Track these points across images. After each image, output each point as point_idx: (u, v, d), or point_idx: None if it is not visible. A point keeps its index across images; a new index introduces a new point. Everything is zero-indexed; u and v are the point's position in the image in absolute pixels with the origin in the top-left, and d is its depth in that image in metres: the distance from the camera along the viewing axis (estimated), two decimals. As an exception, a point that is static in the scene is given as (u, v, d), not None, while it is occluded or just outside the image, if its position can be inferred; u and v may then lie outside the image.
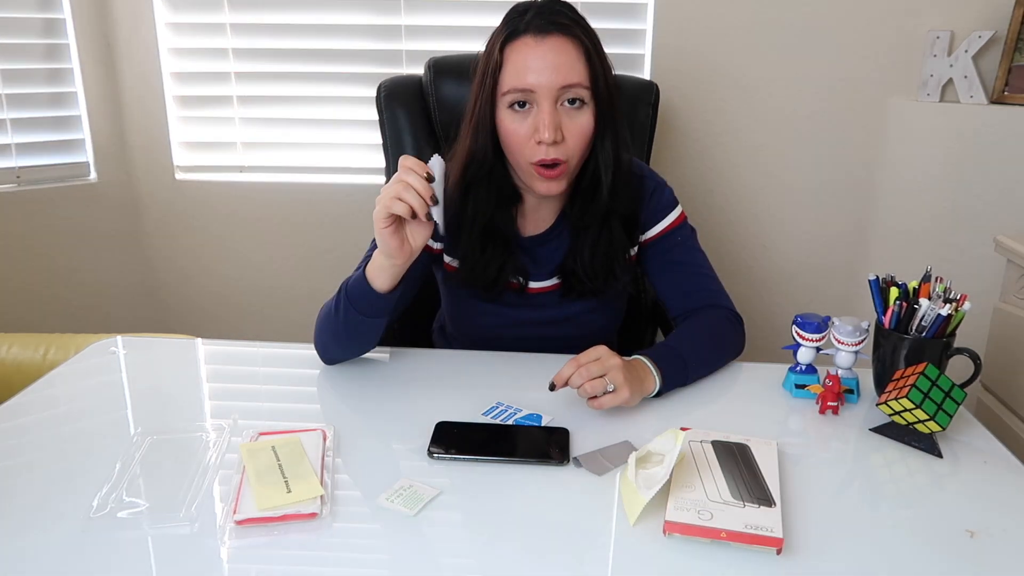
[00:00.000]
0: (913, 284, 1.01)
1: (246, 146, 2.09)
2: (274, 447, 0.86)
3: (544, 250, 1.19)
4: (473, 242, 1.14)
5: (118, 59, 2.00)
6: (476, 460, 0.87)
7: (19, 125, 1.95)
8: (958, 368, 0.98)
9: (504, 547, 0.74)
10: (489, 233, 1.14)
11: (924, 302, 0.97)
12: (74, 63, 1.97)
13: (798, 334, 1.05)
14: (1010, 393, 1.40)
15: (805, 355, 1.06)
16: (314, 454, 0.86)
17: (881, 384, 1.02)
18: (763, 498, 0.78)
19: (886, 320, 1.00)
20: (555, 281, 1.20)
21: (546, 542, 0.74)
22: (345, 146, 2.08)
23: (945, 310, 0.95)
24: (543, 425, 0.96)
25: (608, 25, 1.92)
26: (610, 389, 0.95)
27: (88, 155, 2.04)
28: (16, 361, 1.41)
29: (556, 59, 1.02)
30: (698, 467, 0.83)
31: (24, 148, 1.97)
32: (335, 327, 1.06)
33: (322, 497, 0.78)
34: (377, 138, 1.57)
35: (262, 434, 0.90)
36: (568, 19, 1.04)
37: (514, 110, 1.05)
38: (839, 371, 1.03)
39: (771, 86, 1.95)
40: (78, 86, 1.99)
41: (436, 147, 1.53)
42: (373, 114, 1.56)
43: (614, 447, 0.91)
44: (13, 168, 1.96)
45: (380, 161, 1.60)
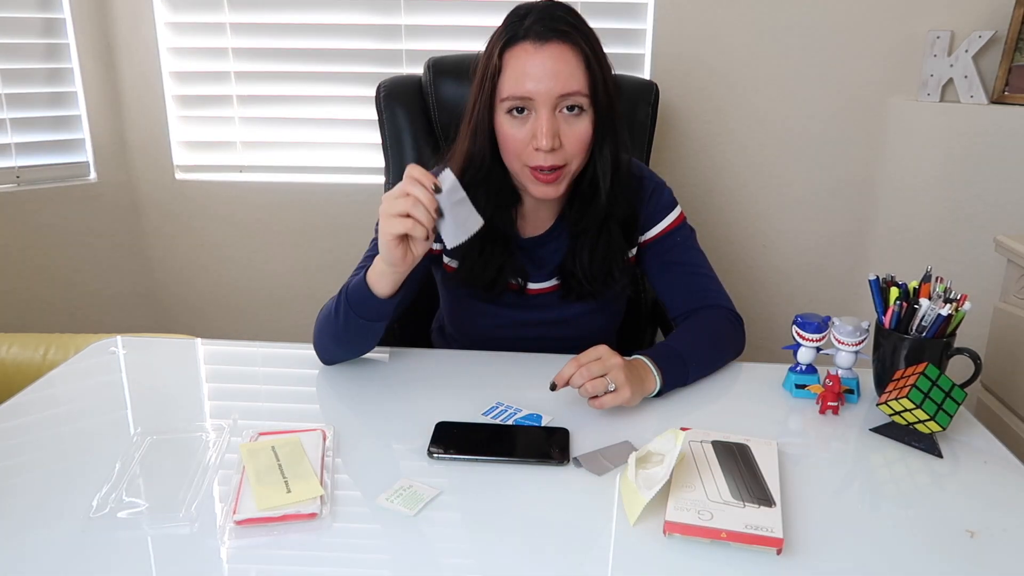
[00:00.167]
0: (913, 284, 1.01)
1: (246, 146, 2.09)
2: (274, 447, 0.86)
3: (543, 251, 1.19)
4: (472, 243, 1.13)
5: (118, 59, 2.01)
6: (476, 460, 0.87)
7: (19, 125, 1.95)
8: (958, 368, 0.98)
9: (504, 547, 0.74)
10: (488, 234, 1.14)
11: (924, 302, 0.97)
12: (74, 63, 1.97)
13: (798, 334, 1.05)
14: (1010, 393, 1.40)
15: (805, 355, 1.06)
16: (314, 454, 0.86)
17: (881, 384, 1.02)
18: (763, 498, 0.78)
19: (886, 320, 1.00)
20: (554, 282, 1.20)
21: (546, 542, 0.74)
22: (345, 146, 2.08)
23: (945, 310, 0.95)
24: (543, 425, 0.96)
25: (608, 25, 1.93)
26: (611, 389, 0.95)
27: (88, 155, 2.04)
28: (16, 361, 1.41)
29: (555, 67, 1.01)
30: (698, 467, 0.83)
31: (24, 148, 1.97)
32: (335, 330, 1.06)
33: (322, 497, 0.78)
34: (377, 138, 1.57)
35: (262, 434, 0.90)
36: (568, 25, 1.03)
37: (512, 115, 1.05)
38: (839, 371, 1.03)
39: (771, 86, 1.95)
40: (78, 86, 1.99)
41: (435, 147, 1.53)
42: (373, 114, 1.56)
43: (614, 447, 0.91)
44: (13, 168, 1.96)
45: (380, 161, 1.60)
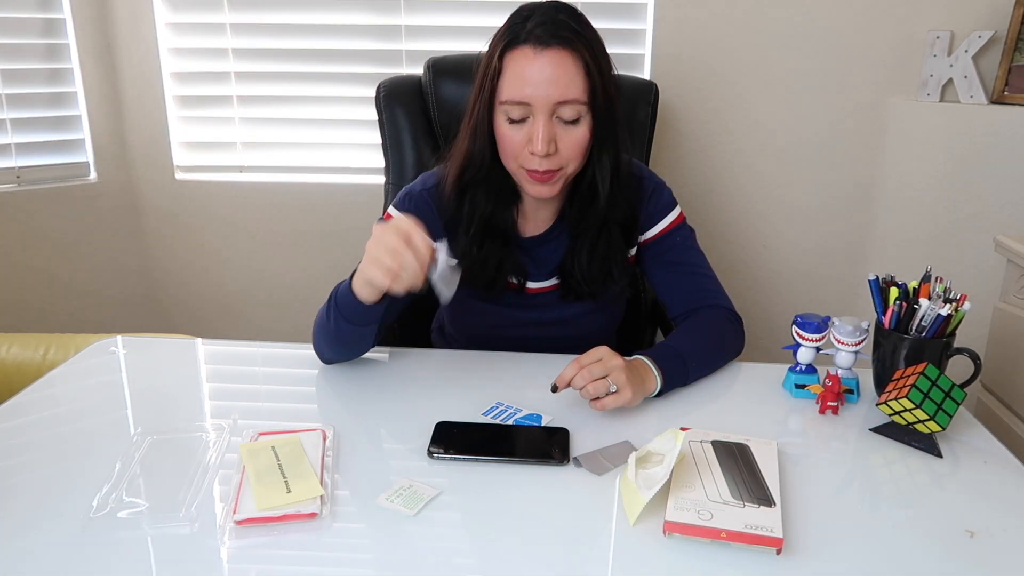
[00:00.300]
0: (913, 284, 1.01)
1: (246, 146, 2.09)
2: (274, 447, 0.86)
3: (543, 250, 1.19)
4: (470, 240, 1.14)
5: (118, 59, 2.00)
6: (476, 460, 0.87)
7: (19, 125, 1.95)
8: (958, 368, 0.98)
9: (504, 547, 0.74)
10: (487, 231, 1.14)
11: (924, 302, 0.97)
12: (74, 63, 1.97)
13: (798, 334, 1.05)
14: (1010, 393, 1.40)
15: (805, 355, 1.06)
16: (314, 454, 0.86)
17: (881, 384, 1.02)
18: (763, 498, 0.78)
19: (886, 320, 1.00)
20: (554, 282, 1.20)
21: (546, 542, 0.74)
22: (345, 146, 2.08)
23: (945, 310, 0.95)
24: (543, 425, 0.96)
25: (608, 25, 1.92)
26: (613, 390, 0.95)
27: (88, 155, 2.04)
28: (16, 361, 1.40)
29: (554, 73, 1.01)
30: (698, 467, 0.83)
31: (24, 148, 1.97)
32: (327, 333, 1.06)
33: (322, 497, 0.78)
34: (377, 138, 1.57)
35: (262, 434, 0.90)
36: (570, 31, 1.02)
37: (510, 118, 1.05)
38: (839, 371, 1.03)
39: (771, 86, 1.95)
40: (78, 86, 1.99)
41: (435, 147, 1.53)
42: (373, 114, 1.56)
43: (614, 447, 0.91)
44: (13, 168, 1.96)
45: (380, 161, 1.60)
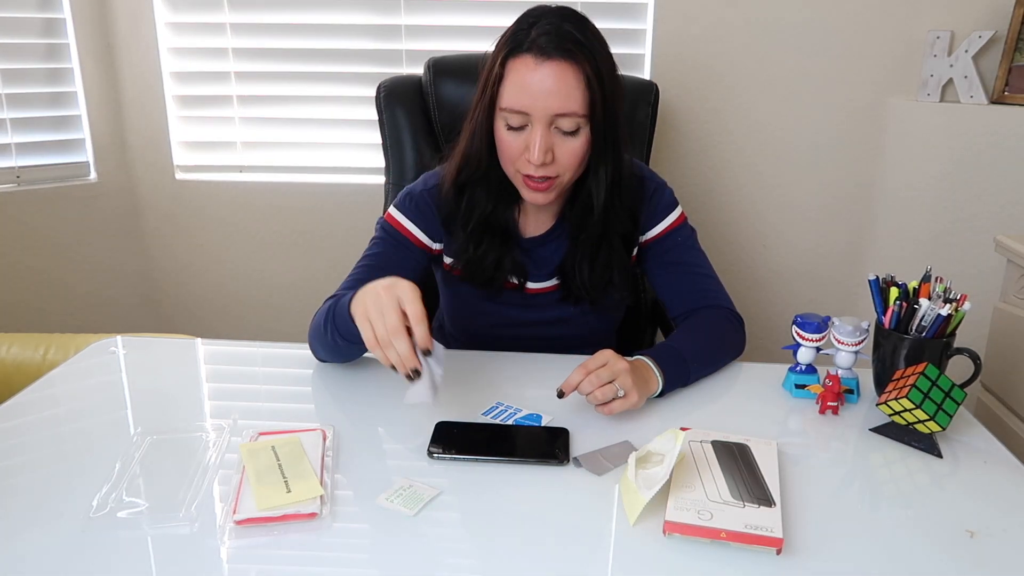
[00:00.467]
0: (913, 284, 1.01)
1: (246, 146, 2.09)
2: (274, 447, 0.86)
3: (543, 251, 1.19)
4: (468, 237, 1.14)
5: (118, 59, 2.00)
6: (476, 460, 0.87)
7: (19, 125, 1.95)
8: (958, 368, 0.98)
9: (504, 547, 0.74)
10: (486, 228, 1.14)
11: (924, 302, 0.97)
12: (74, 63, 1.97)
13: (798, 334, 1.05)
14: (1010, 393, 1.40)
15: (805, 355, 1.06)
16: (314, 454, 0.86)
17: (881, 384, 1.02)
18: (763, 498, 0.78)
19: (886, 320, 1.00)
20: (554, 282, 1.20)
21: (546, 542, 0.74)
22: (345, 146, 2.08)
23: (945, 310, 0.95)
24: (543, 425, 0.96)
25: (608, 25, 1.92)
26: (620, 395, 0.95)
27: (88, 155, 2.04)
28: (16, 361, 1.40)
29: (554, 85, 1.00)
30: (698, 467, 0.83)
31: (24, 148, 1.97)
32: (324, 342, 1.05)
33: (322, 497, 0.78)
34: (377, 138, 1.57)
35: (262, 434, 0.90)
36: (573, 42, 1.00)
37: (509, 124, 1.04)
38: (839, 371, 1.03)
39: (771, 86, 1.95)
40: (78, 86, 1.99)
41: (436, 147, 1.53)
42: (373, 114, 1.56)
43: (614, 447, 0.91)
44: (13, 168, 1.96)
45: (380, 161, 1.60)
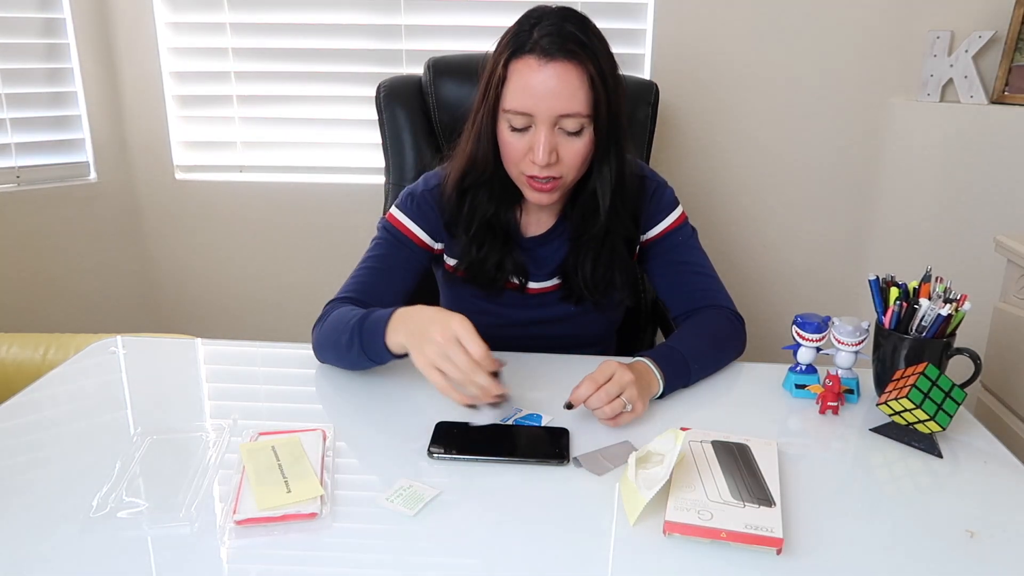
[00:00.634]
0: (913, 284, 1.01)
1: (246, 146, 2.09)
2: (274, 447, 0.86)
3: (544, 251, 1.19)
4: (471, 240, 1.14)
5: (118, 59, 2.00)
6: (476, 460, 0.87)
7: (19, 125, 1.95)
8: (958, 368, 0.98)
9: (504, 547, 0.74)
10: (488, 229, 1.14)
11: (924, 302, 0.97)
12: (74, 63, 1.97)
13: (798, 334, 1.05)
14: (1010, 393, 1.40)
15: (805, 355, 1.06)
16: (314, 454, 0.86)
17: (881, 384, 1.02)
18: (763, 498, 0.78)
19: (886, 320, 1.00)
20: (555, 282, 1.20)
21: (546, 542, 0.74)
22: (345, 146, 2.08)
23: (945, 310, 0.95)
24: (543, 425, 0.96)
25: (608, 25, 1.90)
26: (627, 409, 0.95)
27: (88, 155, 2.04)
28: (16, 361, 1.40)
29: (557, 86, 1.00)
30: (698, 467, 0.83)
31: (24, 148, 1.97)
32: (339, 353, 1.05)
33: (322, 497, 0.78)
34: (377, 138, 1.57)
35: (262, 434, 0.90)
36: (576, 43, 1.00)
37: (513, 126, 1.04)
38: (839, 371, 1.03)
39: (771, 86, 1.95)
40: (78, 86, 1.99)
41: (436, 147, 1.53)
42: (373, 114, 1.56)
43: (614, 447, 0.91)
44: (13, 168, 1.96)
45: (380, 161, 1.60)
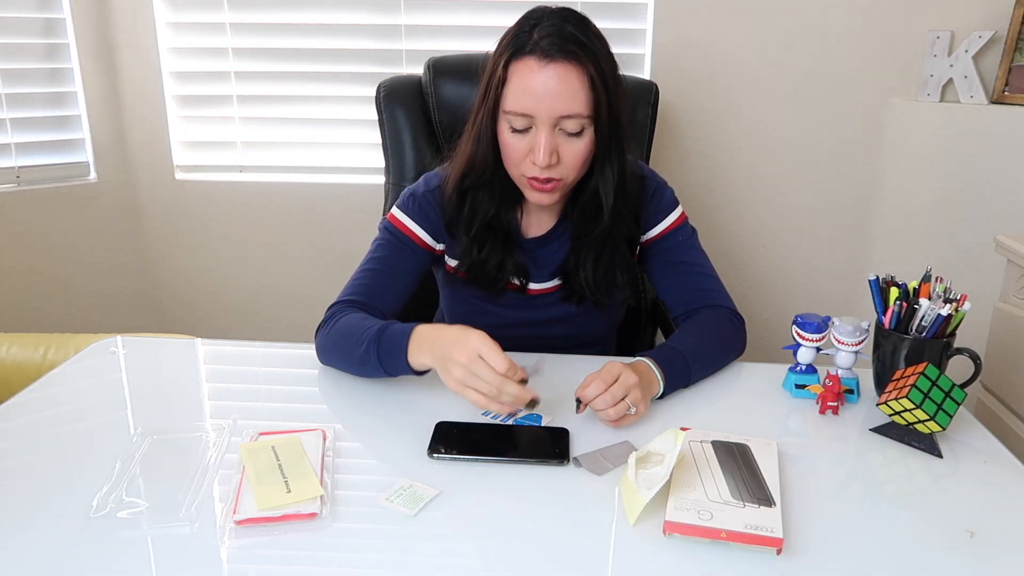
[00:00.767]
0: (913, 284, 1.01)
1: (246, 146, 2.09)
2: (274, 447, 0.86)
3: (545, 251, 1.19)
4: (472, 241, 1.14)
5: (118, 59, 2.00)
6: (476, 460, 0.87)
7: (19, 125, 1.95)
8: (958, 368, 0.98)
9: (504, 547, 0.74)
10: (489, 230, 1.14)
11: (924, 302, 0.97)
12: (74, 63, 1.97)
13: (798, 334, 1.05)
14: (1010, 393, 1.40)
15: (805, 355, 1.06)
16: (314, 454, 0.86)
17: (881, 384, 1.02)
18: (763, 498, 0.78)
19: (886, 320, 1.00)
20: (556, 282, 1.20)
21: (546, 542, 0.74)
22: (345, 146, 2.08)
23: (945, 310, 0.95)
24: (543, 425, 0.96)
25: (608, 25, 1.90)
26: (632, 412, 0.95)
27: (88, 155, 2.04)
28: (16, 361, 1.40)
29: (557, 87, 1.00)
30: (698, 467, 0.83)
31: (24, 148, 1.97)
32: (350, 365, 1.05)
33: (322, 497, 0.78)
34: (377, 138, 1.57)
35: (262, 434, 0.90)
36: (576, 44, 1.00)
37: (513, 127, 1.04)
38: (839, 371, 1.03)
39: (771, 86, 1.95)
40: (78, 86, 1.98)
41: (436, 147, 1.53)
42: (373, 114, 1.56)
43: (614, 447, 0.91)
44: (13, 168, 1.96)
45: (380, 161, 1.60)
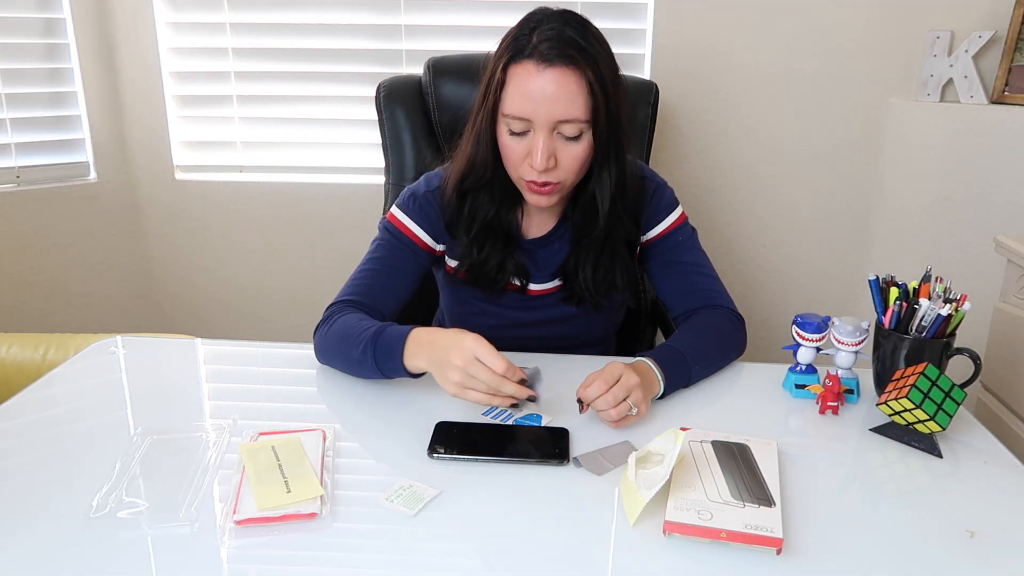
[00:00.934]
0: (913, 284, 1.01)
1: (246, 146, 2.09)
2: (274, 447, 0.86)
3: (545, 252, 1.19)
4: (472, 241, 1.14)
5: (118, 59, 2.00)
6: (476, 460, 0.87)
7: (19, 125, 1.95)
8: (958, 368, 0.98)
9: (504, 547, 0.74)
10: (489, 230, 1.14)
11: (924, 302, 0.97)
12: (74, 63, 1.97)
13: (798, 334, 1.05)
14: (1010, 393, 1.40)
15: (805, 355, 1.06)
16: (314, 454, 0.86)
17: (881, 384, 1.02)
18: (763, 498, 0.78)
19: (886, 320, 1.00)
20: (556, 283, 1.20)
21: (546, 542, 0.74)
22: (345, 146, 2.08)
23: (945, 310, 0.95)
24: (543, 425, 0.96)
25: (608, 25, 1.91)
26: (633, 413, 0.95)
27: (88, 155, 2.04)
28: (16, 361, 1.40)
29: (555, 92, 0.99)
30: (698, 467, 0.83)
31: (24, 148, 1.97)
32: (348, 365, 1.05)
33: (322, 497, 0.78)
34: (377, 138, 1.57)
35: (262, 434, 0.90)
36: (575, 48, 0.99)
37: (512, 130, 1.04)
38: (839, 371, 1.03)
39: (771, 86, 1.95)
40: (78, 86, 1.98)
41: (436, 147, 1.53)
42: (373, 114, 1.56)
43: (614, 447, 0.91)
44: (13, 168, 1.96)
45: (380, 161, 1.60)
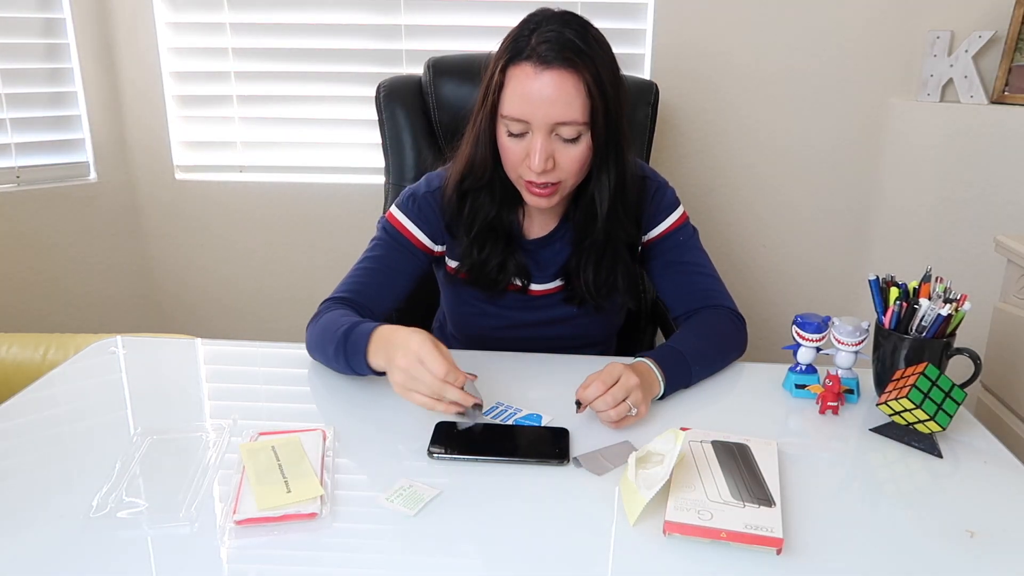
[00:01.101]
0: (913, 284, 1.01)
1: (246, 146, 2.09)
2: (274, 447, 0.86)
3: (546, 252, 1.19)
4: (472, 242, 1.14)
5: (118, 59, 2.01)
6: (476, 460, 0.87)
7: (19, 125, 1.95)
8: (958, 368, 0.98)
9: (504, 547, 0.74)
10: (490, 231, 1.14)
11: (924, 302, 0.97)
12: (74, 63, 1.97)
13: (798, 334, 1.05)
14: (1010, 393, 1.40)
15: (805, 355, 1.06)
16: (314, 454, 0.86)
17: (881, 384, 1.02)
18: (763, 498, 0.78)
19: (886, 320, 1.00)
20: (557, 284, 1.20)
21: (546, 542, 0.74)
22: (345, 146, 2.08)
23: (945, 310, 0.95)
24: (543, 425, 0.96)
25: (608, 25, 1.91)
26: (632, 413, 0.95)
27: (88, 155, 2.04)
28: (16, 361, 1.40)
29: (554, 94, 0.99)
30: (698, 467, 0.83)
31: (24, 148, 1.97)
32: (327, 361, 1.06)
33: (322, 497, 0.78)
34: (377, 138, 1.57)
35: (262, 434, 0.90)
36: (574, 50, 0.99)
37: (510, 131, 1.04)
38: (839, 371, 1.03)
39: (771, 86, 1.95)
40: (78, 86, 1.99)
41: (436, 147, 1.53)
42: (373, 114, 1.56)
43: (614, 447, 0.91)
44: (13, 168, 1.96)
45: (380, 161, 1.60)
